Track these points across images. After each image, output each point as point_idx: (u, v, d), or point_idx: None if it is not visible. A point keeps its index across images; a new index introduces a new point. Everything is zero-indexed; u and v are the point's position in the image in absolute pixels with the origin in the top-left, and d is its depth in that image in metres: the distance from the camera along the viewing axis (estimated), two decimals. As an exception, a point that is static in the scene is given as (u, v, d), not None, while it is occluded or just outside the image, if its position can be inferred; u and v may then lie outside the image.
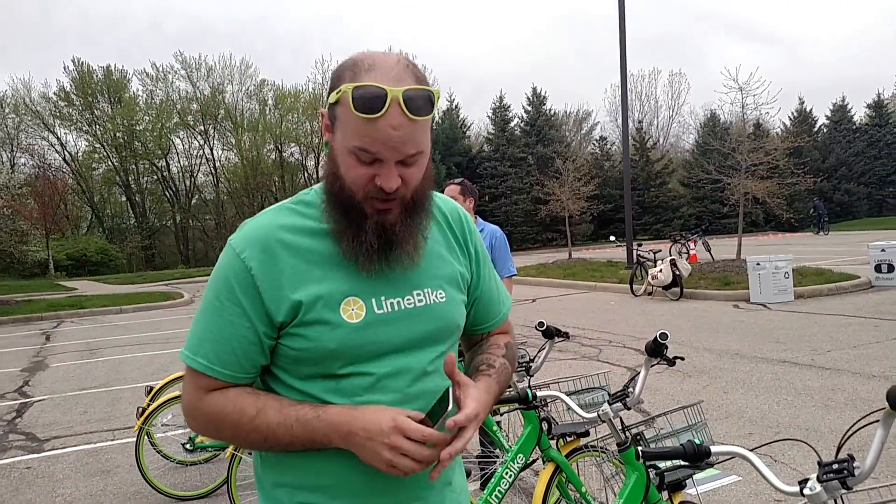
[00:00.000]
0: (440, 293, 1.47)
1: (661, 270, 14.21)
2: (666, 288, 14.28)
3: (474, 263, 1.59)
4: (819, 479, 1.76)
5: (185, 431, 5.76)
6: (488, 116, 47.56)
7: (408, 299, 1.43)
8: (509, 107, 46.02)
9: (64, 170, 47.14)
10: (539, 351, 3.73)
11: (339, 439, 1.32)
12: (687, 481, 2.83)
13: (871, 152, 47.34)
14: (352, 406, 1.35)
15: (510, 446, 3.67)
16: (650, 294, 15.06)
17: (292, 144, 50.31)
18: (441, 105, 37.82)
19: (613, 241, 20.41)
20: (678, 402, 6.46)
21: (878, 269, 14.07)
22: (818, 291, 13.39)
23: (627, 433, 2.77)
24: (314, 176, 50.93)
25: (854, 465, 1.73)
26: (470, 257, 1.58)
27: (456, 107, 46.84)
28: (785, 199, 18.92)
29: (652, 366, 2.86)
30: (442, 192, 4.61)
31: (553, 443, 3.56)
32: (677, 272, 14.11)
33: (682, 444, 1.96)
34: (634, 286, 15.56)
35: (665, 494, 2.79)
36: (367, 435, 1.29)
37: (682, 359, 2.79)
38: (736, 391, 6.94)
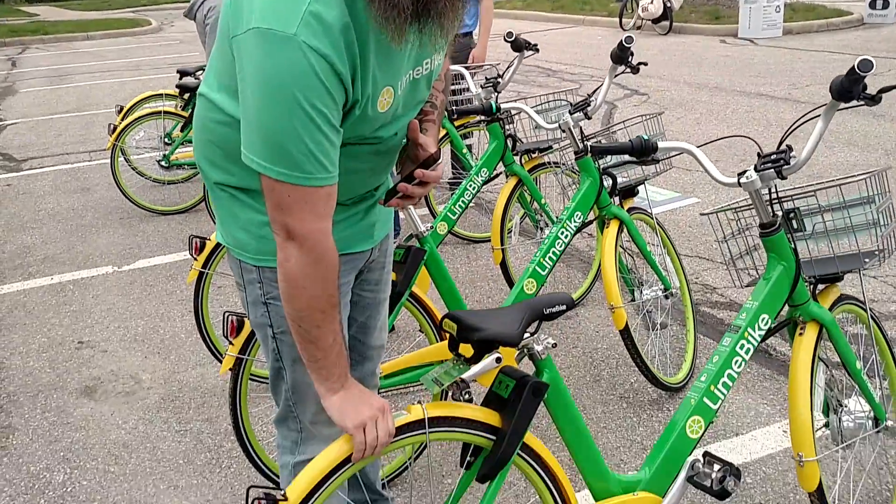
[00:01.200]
0: (438, 58, 1.48)
1: (651, 2, 13.57)
2: (655, 21, 13.75)
3: None
4: (756, 169, 1.82)
5: (159, 152, 5.80)
6: None
7: (417, 70, 1.43)
8: None
9: None
10: (507, 67, 3.65)
11: (339, 388, 1.41)
12: (638, 188, 2.94)
13: None
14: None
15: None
16: (639, 28, 14.52)
17: None
18: None
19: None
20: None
21: (872, 5, 13.49)
22: (808, 27, 12.96)
23: (586, 142, 2.81)
24: None
25: (791, 154, 1.78)
26: None
27: None
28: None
29: (616, 74, 2.82)
30: None
31: (517, 159, 3.64)
32: (668, 4, 13.49)
33: (630, 140, 2.00)
34: (624, 20, 14.94)
35: (616, 200, 2.91)
36: (356, 402, 1.39)
37: (646, 64, 2.74)
38: (709, 122, 7.00)
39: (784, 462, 2.46)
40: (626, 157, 2.77)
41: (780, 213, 1.87)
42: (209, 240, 2.82)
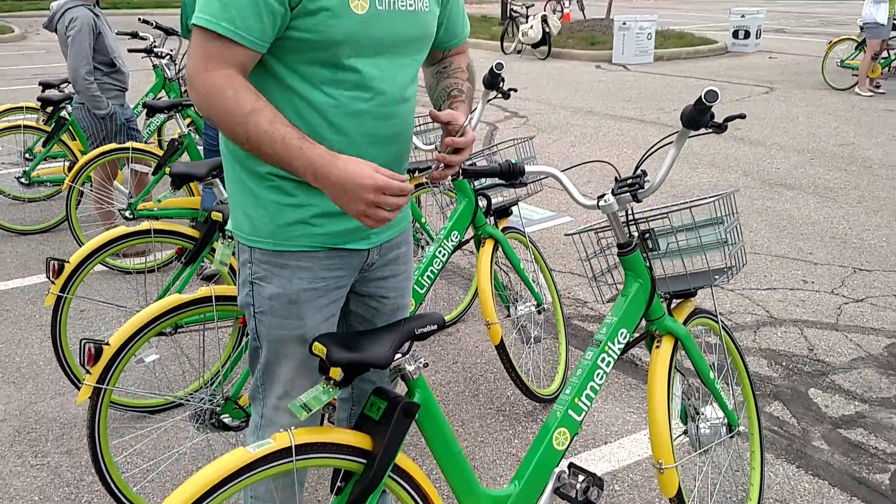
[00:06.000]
0: (425, 3, 1.55)
1: (531, 27, 14.05)
2: (535, 46, 14.23)
3: None
4: (613, 193, 1.92)
5: (18, 168, 5.44)
6: None
7: (401, 2, 1.49)
8: None
9: None
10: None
11: (313, 178, 1.38)
12: (512, 209, 3.02)
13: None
14: (334, 154, 1.39)
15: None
16: (520, 52, 14.99)
17: None
18: None
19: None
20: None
21: (735, 35, 14.55)
22: (677, 54, 13.81)
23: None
24: None
25: (645, 179, 1.89)
26: None
27: None
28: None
29: (489, 99, 2.89)
30: None
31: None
32: (547, 29, 14.01)
33: (499, 163, 2.06)
34: (505, 44, 15.39)
35: (491, 220, 2.98)
36: (342, 180, 1.36)
37: (516, 90, 2.83)
38: (583, 144, 7.30)
39: (650, 469, 2.58)
40: (498, 180, 2.84)
41: (636, 234, 1.97)
42: (68, 262, 2.67)
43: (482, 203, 2.93)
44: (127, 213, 4.17)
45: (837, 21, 20.86)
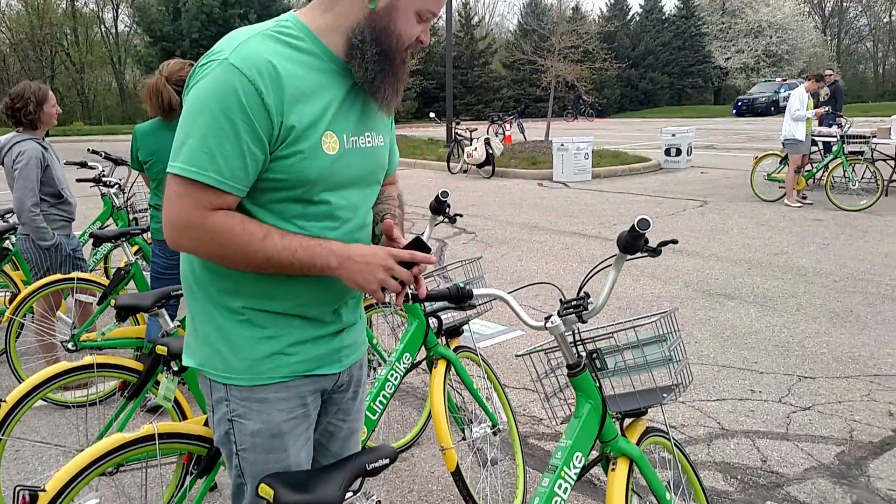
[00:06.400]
0: (380, 138, 1.69)
1: (475, 149, 14.65)
2: (480, 166, 14.77)
3: (391, 118, 1.81)
4: (559, 314, 1.97)
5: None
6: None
7: (362, 140, 1.61)
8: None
9: None
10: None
11: (336, 263, 1.50)
12: (463, 328, 3.05)
13: (677, 43, 50.34)
14: (347, 244, 1.54)
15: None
16: (465, 171, 15.51)
17: (87, -8, 44.86)
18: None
19: (434, 120, 20.55)
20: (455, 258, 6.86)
21: (667, 152, 15.37)
22: (613, 172, 14.46)
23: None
24: (112, 30, 46.16)
25: (589, 301, 1.95)
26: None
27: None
28: (594, 84, 19.87)
29: (436, 223, 2.98)
30: None
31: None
32: (490, 151, 14.60)
33: (447, 287, 2.10)
34: (451, 164, 15.93)
35: (443, 340, 3.00)
36: (364, 260, 1.50)
37: (461, 216, 2.93)
38: (530, 259, 7.47)
39: None
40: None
41: (584, 354, 2.01)
42: (4, 401, 2.56)
43: (433, 323, 2.96)
44: (69, 345, 4.05)
45: (763, 136, 22.25)
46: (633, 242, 1.82)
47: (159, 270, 4.15)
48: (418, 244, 1.57)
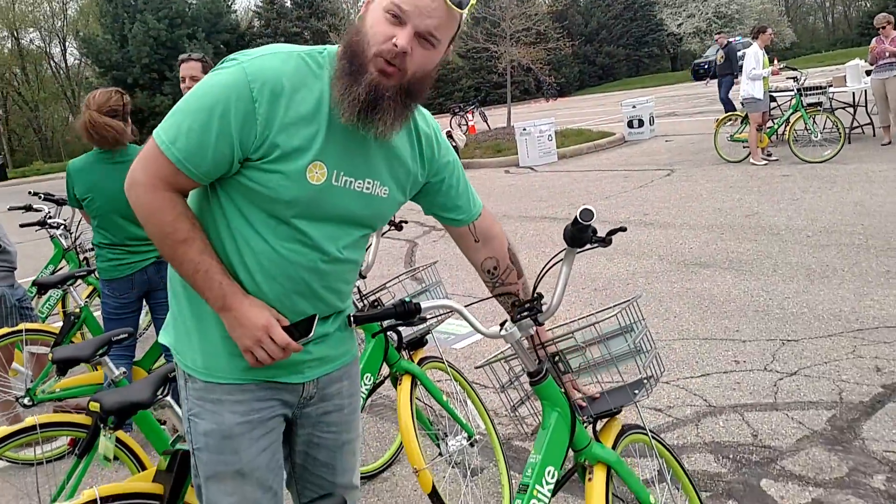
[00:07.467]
0: (385, 189, 1.64)
1: (438, 142, 14.51)
2: (444, 159, 14.63)
3: (434, 174, 1.76)
4: (514, 320, 1.82)
5: None
6: (255, -10, 44.32)
7: (359, 183, 1.58)
8: (278, -22, 43.16)
9: None
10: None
11: (219, 308, 1.53)
12: (427, 337, 2.90)
13: (628, 14, 50.39)
14: (245, 294, 1.54)
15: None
16: (430, 166, 15.35)
17: (31, 29, 44.05)
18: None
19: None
20: (427, 259, 6.71)
21: (630, 124, 15.30)
22: (579, 151, 14.36)
23: (366, 301, 2.75)
24: (62, 65, 45.35)
25: (542, 301, 1.80)
26: (428, 170, 1.74)
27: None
28: (550, 64, 19.75)
29: (383, 234, 2.82)
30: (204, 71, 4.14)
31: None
32: (454, 143, 14.45)
33: (392, 305, 1.94)
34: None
35: (406, 354, 2.84)
36: (241, 322, 1.52)
37: (406, 222, 2.78)
38: (502, 250, 7.32)
39: None
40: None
41: (545, 359, 1.86)
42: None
43: (393, 338, 2.80)
44: (25, 401, 3.85)
45: (722, 99, 22.25)
46: (579, 235, 1.68)
47: (110, 311, 3.95)
48: (307, 323, 1.56)
